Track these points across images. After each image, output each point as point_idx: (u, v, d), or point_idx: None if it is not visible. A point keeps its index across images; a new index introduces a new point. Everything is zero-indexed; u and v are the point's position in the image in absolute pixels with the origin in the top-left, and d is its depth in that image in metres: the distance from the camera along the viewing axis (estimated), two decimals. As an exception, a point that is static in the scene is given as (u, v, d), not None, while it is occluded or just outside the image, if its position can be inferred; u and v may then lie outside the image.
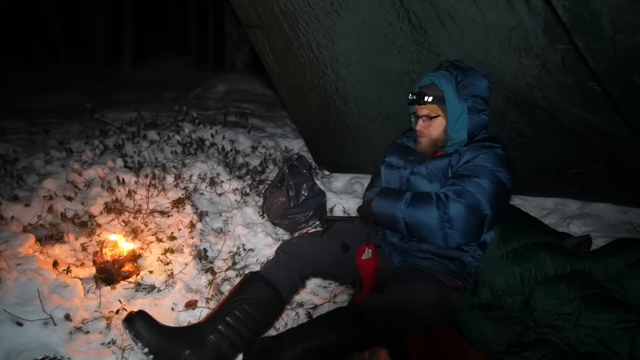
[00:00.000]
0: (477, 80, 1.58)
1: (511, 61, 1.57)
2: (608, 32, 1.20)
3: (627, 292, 1.42)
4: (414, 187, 1.66)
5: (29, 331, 1.53)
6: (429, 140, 1.64)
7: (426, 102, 1.58)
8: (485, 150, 1.54)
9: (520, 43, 1.46)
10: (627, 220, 2.43)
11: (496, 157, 1.53)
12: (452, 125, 1.57)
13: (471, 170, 1.52)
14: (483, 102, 1.60)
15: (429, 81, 1.61)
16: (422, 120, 1.63)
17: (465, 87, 1.57)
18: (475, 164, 1.53)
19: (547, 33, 1.36)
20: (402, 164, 1.73)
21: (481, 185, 1.49)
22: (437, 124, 1.61)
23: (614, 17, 1.16)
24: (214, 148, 3.13)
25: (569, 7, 1.18)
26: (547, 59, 1.46)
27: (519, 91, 1.71)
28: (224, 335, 1.34)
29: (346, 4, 1.76)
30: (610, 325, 1.33)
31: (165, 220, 2.32)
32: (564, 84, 1.53)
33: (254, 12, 2.11)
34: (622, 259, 1.50)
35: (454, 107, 1.56)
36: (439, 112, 1.59)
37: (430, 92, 1.58)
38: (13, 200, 2.34)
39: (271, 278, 1.49)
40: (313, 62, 2.13)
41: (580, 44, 1.25)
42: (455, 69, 1.61)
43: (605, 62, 1.30)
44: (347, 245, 1.66)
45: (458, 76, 1.59)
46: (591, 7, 1.16)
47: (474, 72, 1.59)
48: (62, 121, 4.06)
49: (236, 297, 1.42)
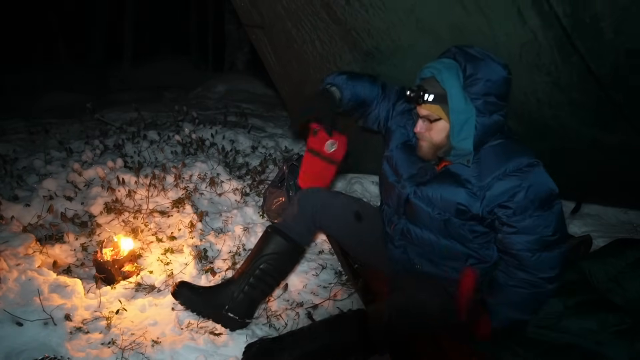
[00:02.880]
0: (492, 72, 1.23)
1: (522, 76, 1.44)
2: (609, 36, 1.20)
3: (627, 292, 1.42)
4: (413, 213, 1.46)
5: (29, 331, 1.53)
6: (430, 144, 1.35)
7: (425, 101, 1.27)
8: (523, 180, 1.23)
9: (532, 59, 1.39)
10: (627, 220, 2.44)
11: (534, 194, 1.23)
12: (456, 133, 1.26)
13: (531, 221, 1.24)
14: (498, 99, 1.24)
15: (429, 73, 1.29)
16: (422, 121, 1.34)
17: (476, 83, 1.22)
18: (525, 213, 1.24)
19: (560, 48, 1.30)
20: (405, 175, 1.48)
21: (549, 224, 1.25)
22: (439, 127, 1.30)
23: (615, 20, 1.16)
24: (214, 148, 3.13)
25: (569, 12, 1.18)
26: (559, 76, 1.40)
27: (529, 109, 1.63)
28: (254, 286, 1.56)
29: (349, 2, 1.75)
30: (608, 328, 1.33)
31: (165, 220, 2.32)
32: (577, 102, 1.47)
33: (255, 12, 2.11)
34: (622, 260, 1.50)
35: (458, 111, 1.24)
36: (441, 114, 1.28)
37: (431, 89, 1.26)
38: (13, 200, 2.33)
39: (290, 232, 1.60)
40: (317, 58, 2.12)
41: (582, 49, 1.25)
42: (464, 58, 1.25)
43: (607, 65, 1.30)
44: (360, 214, 1.64)
45: (467, 68, 1.23)
46: (592, 11, 1.16)
47: (489, 62, 1.23)
48: (62, 121, 4.06)
49: (260, 255, 1.58)
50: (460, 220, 1.35)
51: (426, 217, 1.41)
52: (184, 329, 1.63)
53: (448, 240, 1.42)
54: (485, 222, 1.34)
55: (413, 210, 1.44)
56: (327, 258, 2.13)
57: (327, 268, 2.05)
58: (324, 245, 2.24)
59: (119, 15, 8.65)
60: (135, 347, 1.53)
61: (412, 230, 1.49)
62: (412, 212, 1.46)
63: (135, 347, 1.53)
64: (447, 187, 1.34)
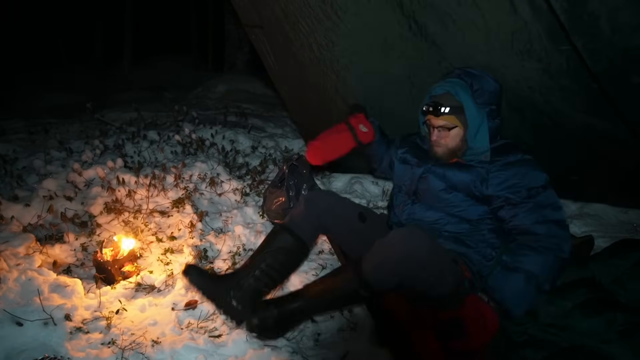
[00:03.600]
0: (490, 86, 1.56)
1: (513, 64, 1.55)
2: (606, 33, 1.21)
3: (630, 293, 1.42)
4: (427, 186, 1.65)
5: (29, 331, 1.53)
6: (445, 149, 1.61)
7: (443, 113, 1.54)
8: (520, 165, 1.53)
9: (523, 46, 1.45)
10: (627, 220, 2.44)
11: (533, 169, 1.52)
12: (473, 136, 1.55)
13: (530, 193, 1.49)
14: (497, 107, 1.58)
15: (443, 90, 1.57)
16: (438, 131, 1.59)
17: (482, 95, 1.55)
18: (526, 186, 1.50)
19: (550, 35, 1.35)
20: (415, 162, 1.73)
21: (551, 204, 1.49)
22: (454, 134, 1.58)
23: (612, 18, 1.17)
24: (214, 148, 3.13)
25: (567, 8, 1.19)
26: (550, 62, 1.45)
27: (521, 95, 1.69)
28: (259, 279, 1.58)
29: (346, 6, 1.75)
30: (614, 328, 1.33)
31: (165, 220, 2.32)
32: (567, 88, 1.52)
33: (254, 12, 2.11)
34: (625, 261, 1.50)
35: (474, 118, 1.53)
36: (456, 122, 1.56)
37: (446, 103, 1.54)
38: (13, 200, 2.33)
39: (297, 230, 1.66)
40: (314, 62, 2.13)
41: (578, 44, 1.26)
42: (469, 77, 1.57)
43: (604, 62, 1.30)
44: (364, 216, 1.74)
45: (474, 84, 1.55)
46: (589, 8, 1.17)
47: (487, 78, 1.57)
48: (62, 121, 4.06)
49: (267, 249, 1.64)
50: (469, 199, 1.58)
51: (436, 193, 1.63)
52: (184, 329, 1.63)
53: (454, 219, 1.61)
54: (492, 205, 1.56)
55: (427, 185, 1.66)
56: (327, 258, 2.13)
57: (327, 268, 2.05)
58: (324, 245, 2.24)
59: (119, 15, 8.64)
60: (135, 347, 1.53)
61: (419, 211, 1.67)
62: (425, 189, 1.66)
63: (135, 347, 1.53)
64: (458, 171, 1.60)
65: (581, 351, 1.33)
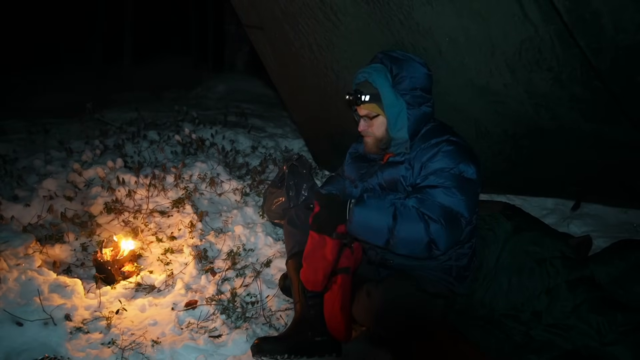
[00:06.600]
0: (415, 70, 1.48)
1: (518, 79, 1.48)
2: (609, 32, 1.20)
3: (629, 294, 1.42)
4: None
5: (29, 331, 1.53)
6: (374, 139, 1.56)
7: (363, 101, 1.49)
8: (433, 151, 1.43)
9: (532, 56, 1.38)
10: (627, 220, 2.43)
11: (447, 155, 1.41)
12: (393, 125, 1.49)
13: (432, 180, 1.40)
14: (423, 92, 1.50)
15: (362, 78, 1.51)
16: (364, 120, 1.55)
17: (402, 80, 1.46)
18: (432, 172, 1.41)
19: (562, 40, 1.29)
20: (355, 179, 1.68)
21: (448, 193, 1.37)
22: (378, 122, 1.52)
23: (615, 17, 1.16)
24: (214, 148, 3.13)
25: (570, 7, 1.18)
26: (561, 70, 1.39)
27: (524, 117, 1.63)
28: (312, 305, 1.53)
29: (346, 8, 1.75)
30: (615, 328, 1.33)
31: (165, 220, 2.32)
32: (578, 97, 1.45)
33: (254, 13, 2.11)
34: (624, 262, 1.50)
35: (391, 106, 1.46)
36: (378, 110, 1.50)
37: (365, 90, 1.48)
38: (13, 200, 2.34)
39: None
40: (314, 62, 2.13)
41: (581, 44, 1.25)
42: (390, 61, 1.49)
43: (607, 61, 1.30)
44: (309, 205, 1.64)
45: (393, 69, 1.47)
46: (592, 7, 1.16)
47: (411, 62, 1.49)
48: (62, 121, 4.05)
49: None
50: (404, 194, 1.50)
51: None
52: (184, 329, 1.63)
53: None
54: None
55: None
56: (327, 258, 2.13)
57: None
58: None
59: (118, 15, 8.64)
60: (135, 347, 1.53)
61: None
62: None
63: (135, 347, 1.53)
64: (390, 169, 1.54)
65: (584, 354, 1.33)
